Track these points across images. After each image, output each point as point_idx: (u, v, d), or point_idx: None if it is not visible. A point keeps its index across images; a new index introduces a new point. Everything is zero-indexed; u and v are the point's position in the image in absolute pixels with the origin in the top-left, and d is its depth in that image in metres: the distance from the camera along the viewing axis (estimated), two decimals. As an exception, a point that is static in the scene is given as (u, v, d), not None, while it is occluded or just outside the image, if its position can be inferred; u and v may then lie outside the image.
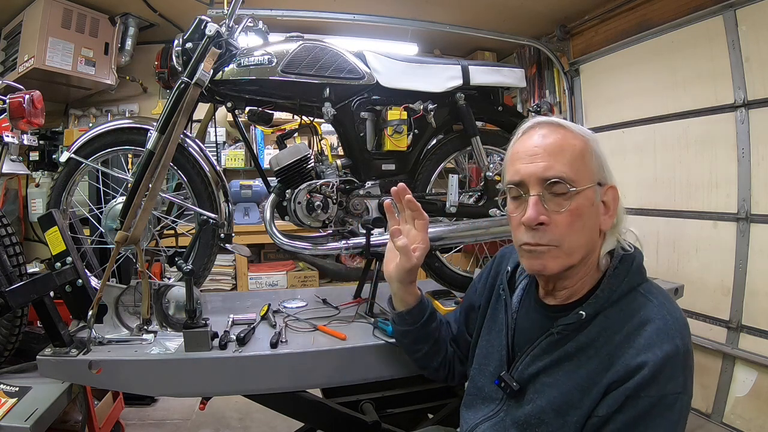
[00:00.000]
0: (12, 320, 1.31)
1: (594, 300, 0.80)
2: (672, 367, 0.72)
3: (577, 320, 0.79)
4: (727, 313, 2.29)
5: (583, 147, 0.81)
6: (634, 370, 0.72)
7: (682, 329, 0.75)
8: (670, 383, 0.71)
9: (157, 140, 1.34)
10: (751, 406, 2.19)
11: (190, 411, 2.52)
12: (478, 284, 1.11)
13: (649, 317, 0.76)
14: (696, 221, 2.46)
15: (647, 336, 0.74)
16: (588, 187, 0.79)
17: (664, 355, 0.71)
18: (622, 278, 0.80)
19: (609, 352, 0.75)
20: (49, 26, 2.73)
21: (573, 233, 0.78)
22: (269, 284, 3.44)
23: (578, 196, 0.78)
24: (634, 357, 0.73)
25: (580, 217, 0.78)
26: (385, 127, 1.55)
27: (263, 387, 1.26)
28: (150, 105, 3.54)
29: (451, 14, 3.08)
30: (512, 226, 0.86)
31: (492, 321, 0.99)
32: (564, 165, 0.78)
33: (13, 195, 3.15)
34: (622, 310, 0.78)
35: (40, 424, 1.05)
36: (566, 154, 0.79)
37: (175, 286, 1.31)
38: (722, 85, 2.29)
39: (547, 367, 0.82)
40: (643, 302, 0.78)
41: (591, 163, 0.80)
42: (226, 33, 1.39)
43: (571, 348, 0.80)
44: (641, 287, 0.81)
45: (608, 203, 0.83)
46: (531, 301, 0.93)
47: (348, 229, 1.58)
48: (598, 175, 0.81)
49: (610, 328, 0.77)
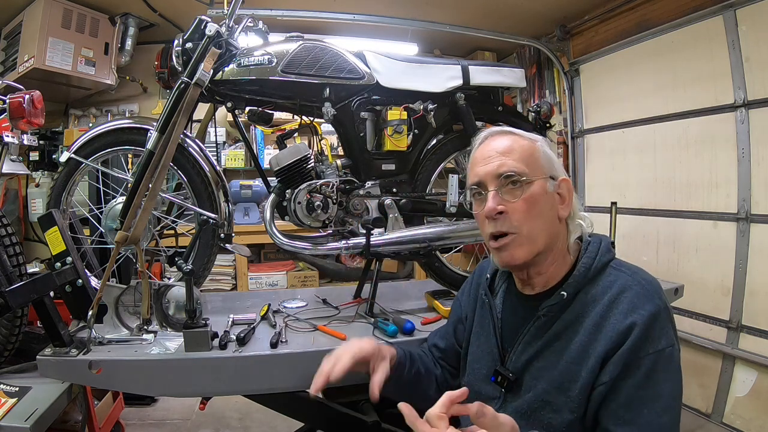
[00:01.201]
0: (12, 320, 1.31)
1: (572, 280, 0.86)
2: (660, 324, 0.78)
3: (560, 300, 0.85)
4: (727, 313, 2.29)
5: (531, 146, 0.90)
6: (625, 331, 0.78)
7: (658, 290, 0.83)
8: (663, 338, 0.78)
9: (157, 140, 1.34)
10: (751, 406, 2.19)
11: (190, 411, 2.51)
12: (461, 297, 1.15)
13: (625, 285, 0.83)
14: (696, 221, 2.46)
15: (629, 301, 0.80)
16: (539, 178, 0.87)
17: (649, 314, 0.78)
18: (594, 257, 0.88)
19: (595, 322, 0.81)
20: (49, 26, 2.73)
21: (530, 219, 0.86)
22: (269, 284, 3.44)
23: (531, 186, 0.86)
24: (622, 320, 0.79)
25: (535, 204, 0.86)
26: (385, 127, 1.55)
27: (263, 387, 1.26)
28: (150, 105, 3.53)
29: (451, 14, 3.08)
30: (479, 224, 0.92)
31: (480, 327, 1.02)
32: (515, 161, 0.87)
33: (13, 195, 3.15)
34: (600, 285, 0.85)
35: (40, 424, 1.05)
36: (516, 152, 0.88)
37: (175, 286, 1.31)
38: (722, 85, 2.29)
39: (539, 351, 0.87)
40: (617, 275, 0.86)
41: (540, 159, 0.89)
42: (226, 33, 1.40)
43: (559, 327, 0.85)
44: (612, 263, 0.88)
45: (563, 194, 0.90)
46: (512, 298, 0.98)
47: (348, 229, 1.58)
48: (549, 170, 0.89)
49: (592, 303, 0.84)
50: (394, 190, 1.62)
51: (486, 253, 1.91)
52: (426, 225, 1.64)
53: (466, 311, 1.10)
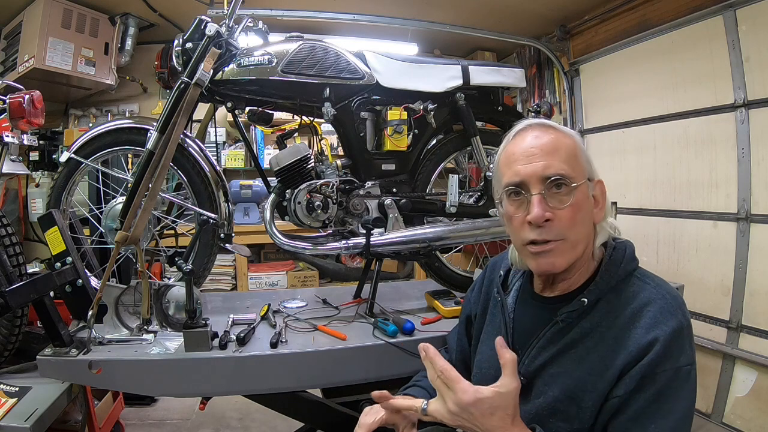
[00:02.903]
0: (12, 320, 1.31)
1: (594, 287, 0.82)
2: (681, 341, 0.76)
3: (580, 307, 0.81)
4: (727, 313, 2.29)
5: (574, 145, 0.84)
6: (646, 346, 0.75)
7: (682, 305, 0.80)
8: (682, 356, 0.75)
9: (157, 140, 1.34)
10: (751, 406, 2.18)
11: (190, 411, 2.51)
12: (471, 295, 1.12)
13: (649, 298, 0.79)
14: (696, 221, 2.46)
15: (652, 315, 0.77)
16: (583, 182, 0.82)
17: (672, 330, 0.75)
18: (619, 264, 0.84)
19: (615, 335, 0.78)
20: (49, 26, 2.73)
21: (576, 226, 0.81)
22: (269, 284, 3.44)
23: (576, 191, 0.81)
24: (644, 335, 0.76)
25: (580, 210, 0.81)
26: (385, 127, 1.55)
27: (263, 387, 1.26)
28: (150, 105, 3.53)
29: (451, 14, 3.08)
30: (513, 226, 0.86)
31: (491, 326, 0.99)
32: (561, 162, 0.81)
33: (13, 195, 3.15)
34: (622, 295, 0.82)
35: (40, 424, 1.06)
36: (561, 152, 0.82)
37: (175, 286, 1.31)
38: (722, 85, 2.29)
39: (554, 356, 0.83)
40: (640, 286, 0.82)
41: (582, 159, 0.84)
42: (226, 33, 1.40)
43: (576, 335, 0.82)
44: (636, 272, 0.84)
45: (597, 197, 0.86)
46: (527, 298, 0.94)
47: (348, 229, 1.58)
48: (588, 171, 0.85)
49: (612, 312, 0.80)
50: (394, 190, 1.62)
51: (486, 253, 1.91)
52: (426, 225, 1.64)
53: (475, 309, 1.06)
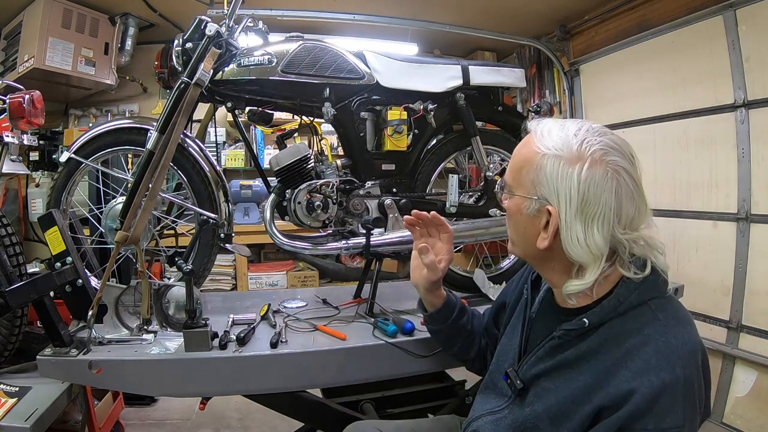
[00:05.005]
0: (12, 320, 1.31)
1: (599, 309, 0.77)
2: (671, 399, 0.67)
3: (579, 327, 0.77)
4: (727, 313, 2.29)
5: (529, 158, 0.80)
6: (623, 396, 0.68)
7: (687, 355, 0.70)
8: (669, 416, 0.66)
9: (157, 140, 1.34)
10: (751, 406, 2.19)
11: (190, 411, 2.51)
12: (511, 285, 1.13)
13: (650, 337, 0.72)
14: (696, 221, 2.46)
15: (645, 358, 0.70)
16: (519, 195, 0.83)
17: (661, 384, 0.67)
18: (633, 290, 0.76)
19: (606, 368, 0.72)
20: (49, 26, 2.73)
21: (510, 228, 0.88)
22: (269, 284, 3.44)
23: (510, 200, 0.85)
24: (628, 381, 0.69)
25: (510, 216, 0.87)
26: (385, 127, 1.55)
27: (263, 387, 1.26)
28: (150, 105, 3.53)
29: (451, 14, 3.08)
30: None
31: (516, 319, 0.99)
32: (509, 170, 0.87)
33: (13, 195, 3.15)
34: (628, 324, 0.74)
35: (40, 424, 1.05)
36: (514, 158, 0.86)
37: (175, 286, 1.31)
38: (722, 85, 2.29)
39: (548, 370, 0.81)
40: (650, 319, 0.74)
41: (526, 176, 0.80)
42: (226, 33, 1.39)
43: (571, 355, 0.78)
44: (652, 302, 0.76)
45: (547, 225, 0.79)
46: (549, 300, 0.92)
47: (348, 229, 1.58)
48: (535, 190, 0.79)
49: (613, 341, 0.74)
50: (394, 190, 1.62)
51: (486, 253, 1.91)
52: (426, 225, 1.64)
53: (510, 298, 1.07)
